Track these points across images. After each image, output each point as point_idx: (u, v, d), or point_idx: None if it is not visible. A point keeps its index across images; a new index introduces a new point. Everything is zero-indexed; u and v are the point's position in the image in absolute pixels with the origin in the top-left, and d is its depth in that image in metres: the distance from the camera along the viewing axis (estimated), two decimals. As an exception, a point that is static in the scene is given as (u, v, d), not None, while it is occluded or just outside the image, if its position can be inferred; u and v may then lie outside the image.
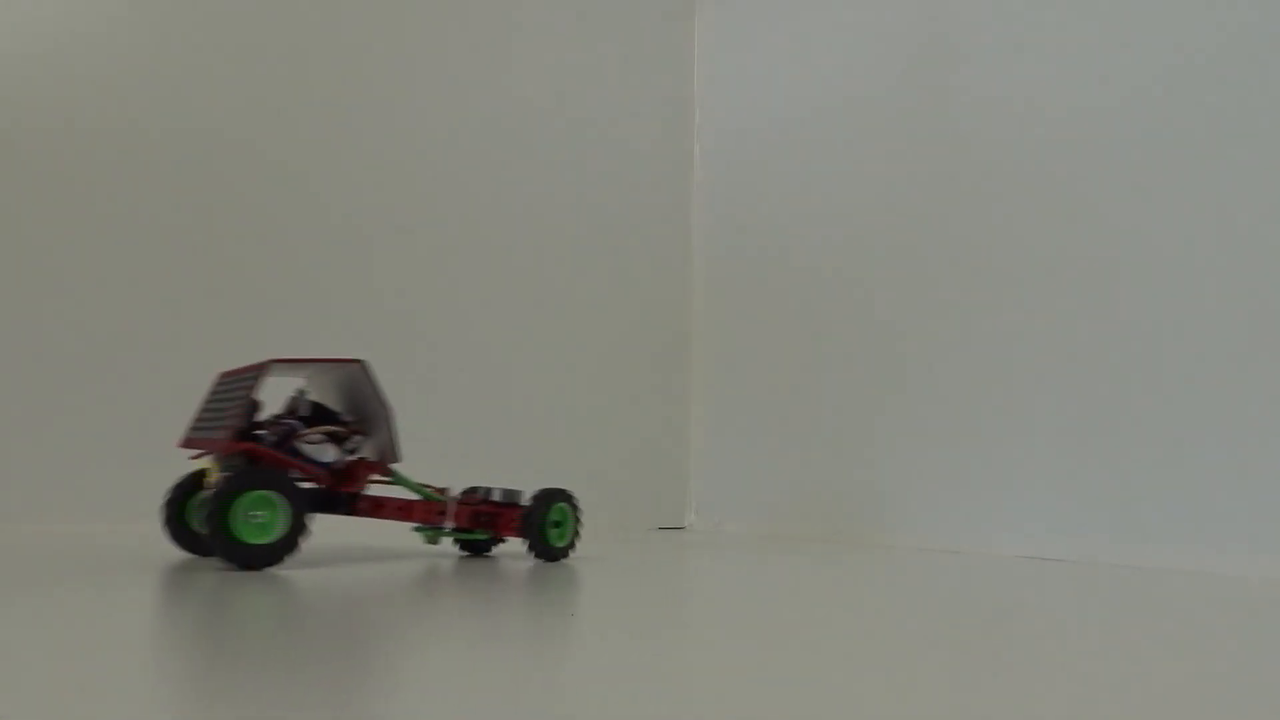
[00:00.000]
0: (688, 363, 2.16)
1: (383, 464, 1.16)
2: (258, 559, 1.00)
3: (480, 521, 1.18)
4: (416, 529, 1.21)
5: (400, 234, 1.85)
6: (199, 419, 1.13)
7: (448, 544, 1.24)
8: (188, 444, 1.10)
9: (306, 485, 1.08)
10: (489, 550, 1.27)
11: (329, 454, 1.10)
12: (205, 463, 1.10)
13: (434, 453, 1.76)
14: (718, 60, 2.19)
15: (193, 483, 1.11)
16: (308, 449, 1.09)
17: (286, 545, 1.02)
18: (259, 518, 1.01)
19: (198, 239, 1.68)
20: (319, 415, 1.13)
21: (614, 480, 1.97)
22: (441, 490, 1.20)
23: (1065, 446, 1.45)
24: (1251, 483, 1.25)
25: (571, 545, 1.20)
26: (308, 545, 1.03)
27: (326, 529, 1.11)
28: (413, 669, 0.60)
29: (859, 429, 1.77)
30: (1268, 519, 1.23)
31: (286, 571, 1.01)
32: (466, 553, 1.25)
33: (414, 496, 1.19)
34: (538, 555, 1.17)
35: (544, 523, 1.17)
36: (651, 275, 2.13)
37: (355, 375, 1.14)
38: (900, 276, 1.72)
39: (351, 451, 1.13)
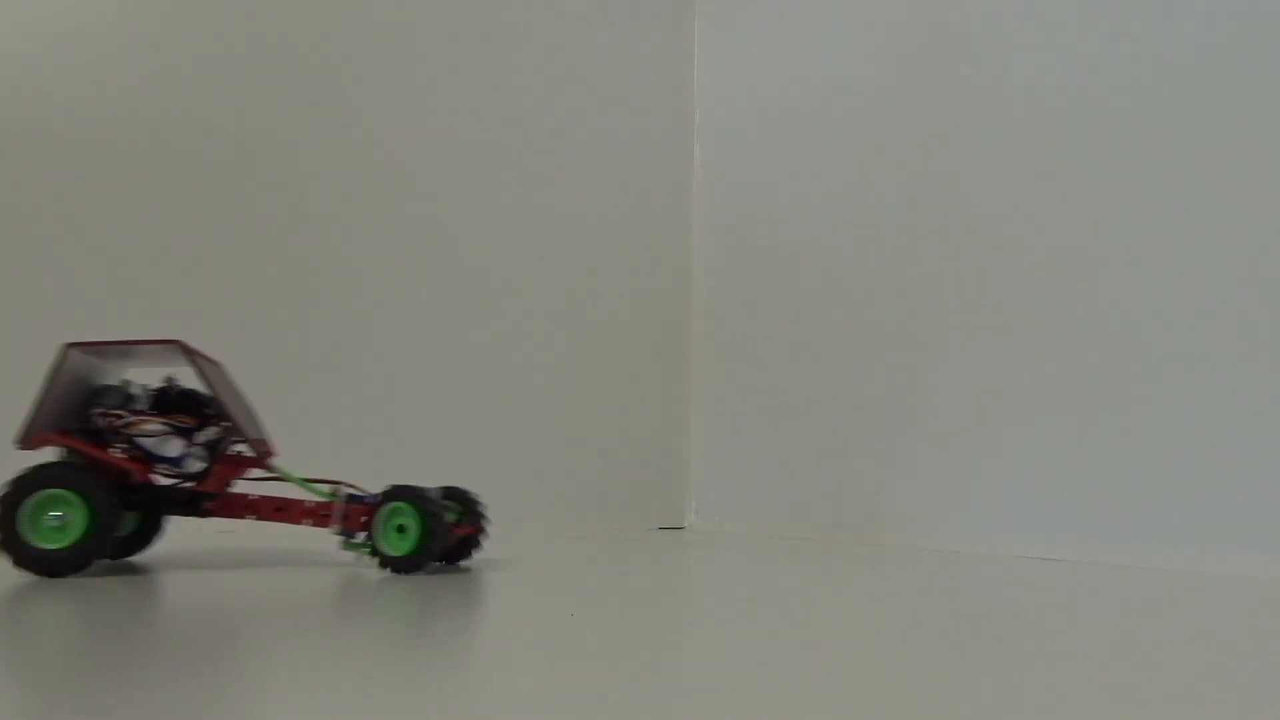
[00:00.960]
0: (688, 363, 2.14)
1: (257, 458, 1.06)
2: (55, 565, 0.94)
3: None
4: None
5: (397, 234, 1.84)
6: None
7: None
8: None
9: (169, 483, 1.03)
10: (460, 560, 1.11)
11: (174, 448, 1.02)
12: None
13: (432, 453, 1.75)
14: (718, 59, 2.18)
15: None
16: (147, 442, 1.01)
17: (87, 550, 0.95)
18: (56, 520, 0.95)
19: (199, 239, 1.67)
20: (182, 405, 1.04)
21: (614, 480, 1.97)
22: (336, 486, 1.06)
23: (1067, 446, 1.44)
24: (1254, 483, 1.24)
25: (421, 554, 1.01)
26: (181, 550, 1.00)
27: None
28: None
29: (859, 429, 1.77)
30: (1270, 519, 1.23)
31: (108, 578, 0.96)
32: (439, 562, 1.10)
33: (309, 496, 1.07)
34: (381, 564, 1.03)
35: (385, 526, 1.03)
36: (651, 275, 2.12)
37: (209, 366, 1.06)
38: (901, 276, 1.73)
39: (213, 445, 1.04)
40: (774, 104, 2.02)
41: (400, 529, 1.02)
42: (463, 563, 1.11)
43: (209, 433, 1.04)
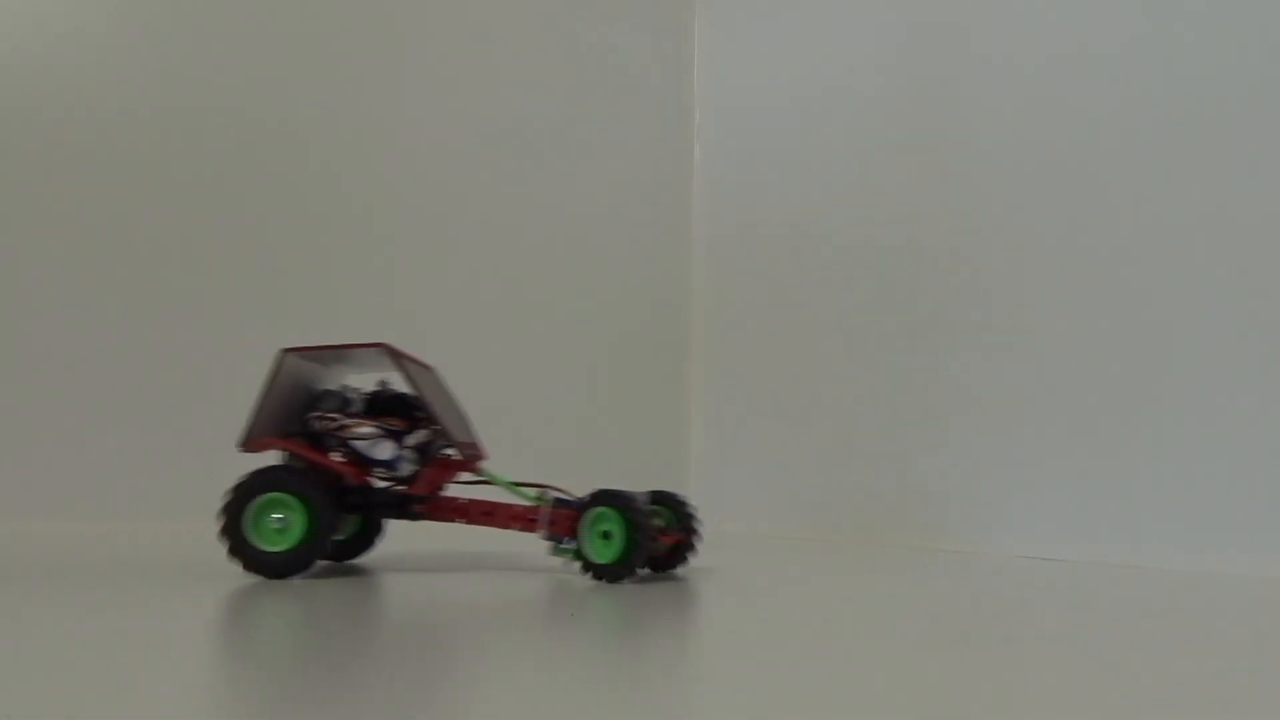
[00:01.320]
0: (688, 363, 2.16)
1: (466, 462, 1.07)
2: (278, 567, 0.96)
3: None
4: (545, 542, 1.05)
5: (398, 233, 1.86)
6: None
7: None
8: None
9: (383, 487, 1.04)
10: (675, 567, 1.09)
11: (386, 450, 1.02)
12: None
13: None
14: (718, 58, 2.18)
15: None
16: (359, 445, 1.02)
17: (308, 553, 0.96)
18: (277, 522, 0.96)
19: (200, 239, 1.69)
20: (393, 408, 1.05)
21: (614, 481, 2.02)
22: (544, 490, 1.05)
23: (1070, 445, 1.43)
24: (1257, 483, 1.24)
25: (626, 562, 0.99)
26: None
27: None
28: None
29: (861, 429, 1.76)
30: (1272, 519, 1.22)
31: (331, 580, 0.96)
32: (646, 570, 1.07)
33: (517, 500, 1.06)
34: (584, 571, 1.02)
35: (590, 531, 1.02)
36: (652, 275, 2.14)
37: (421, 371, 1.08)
38: (902, 276, 1.71)
39: (423, 448, 1.05)
40: (773, 103, 2.01)
41: (605, 535, 1.00)
42: (676, 569, 1.10)
43: (418, 436, 1.04)
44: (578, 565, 1.02)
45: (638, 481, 2.14)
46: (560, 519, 1.03)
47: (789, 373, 1.92)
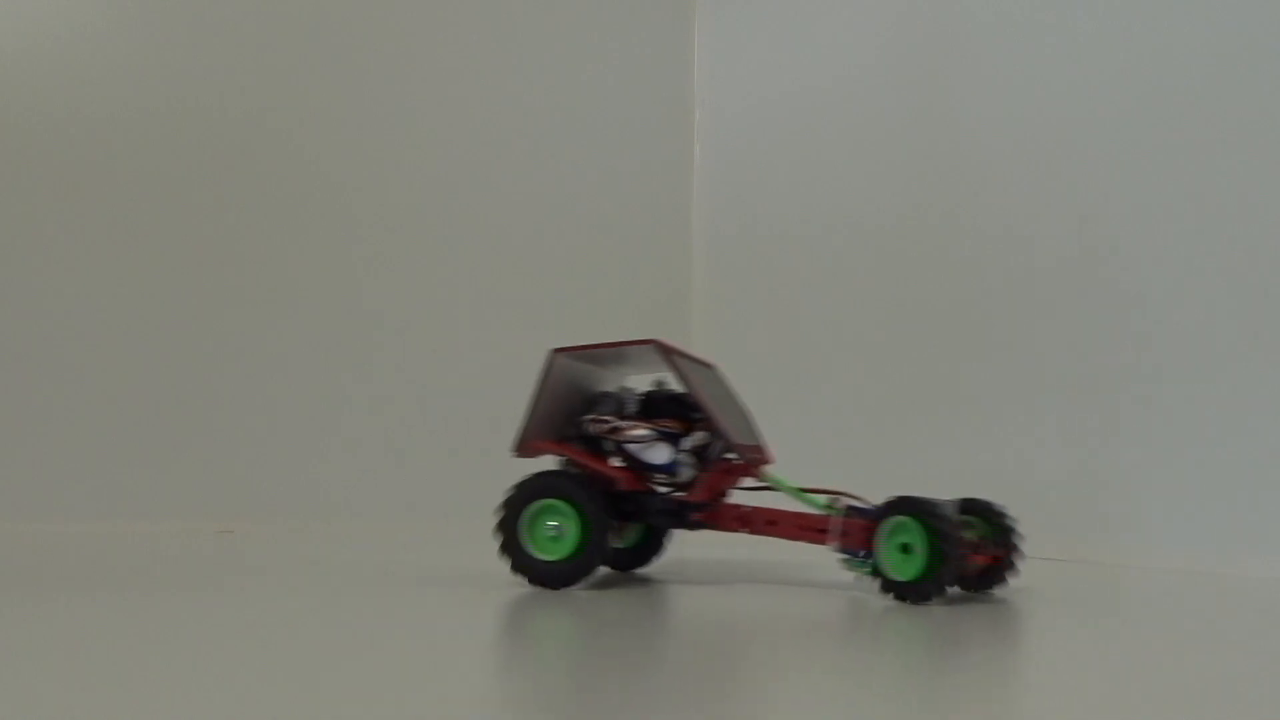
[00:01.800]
0: None
1: (748, 466, 1.00)
2: (552, 577, 0.93)
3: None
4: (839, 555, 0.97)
5: (397, 232, 1.89)
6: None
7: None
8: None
9: (662, 493, 0.99)
10: (991, 587, 0.98)
11: (661, 454, 0.97)
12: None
13: (435, 451, 1.78)
14: (718, 58, 2.19)
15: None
16: (634, 448, 0.97)
17: (583, 564, 0.93)
18: (554, 530, 0.94)
19: (202, 238, 1.74)
20: (668, 409, 1.00)
21: None
22: (835, 497, 0.97)
23: (1074, 446, 1.44)
24: (1261, 482, 1.25)
25: (930, 580, 0.89)
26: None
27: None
28: None
29: (861, 428, 1.77)
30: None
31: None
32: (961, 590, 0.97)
33: (805, 508, 0.98)
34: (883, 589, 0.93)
35: (887, 544, 0.92)
36: (651, 275, 2.13)
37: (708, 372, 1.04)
38: (902, 275, 1.73)
39: (701, 452, 0.99)
40: (774, 101, 2.02)
41: (904, 548, 0.90)
42: (993, 590, 0.98)
43: (695, 438, 0.98)
44: (876, 583, 0.92)
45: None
46: (853, 529, 0.94)
47: (788, 372, 1.91)
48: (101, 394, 1.66)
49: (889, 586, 0.91)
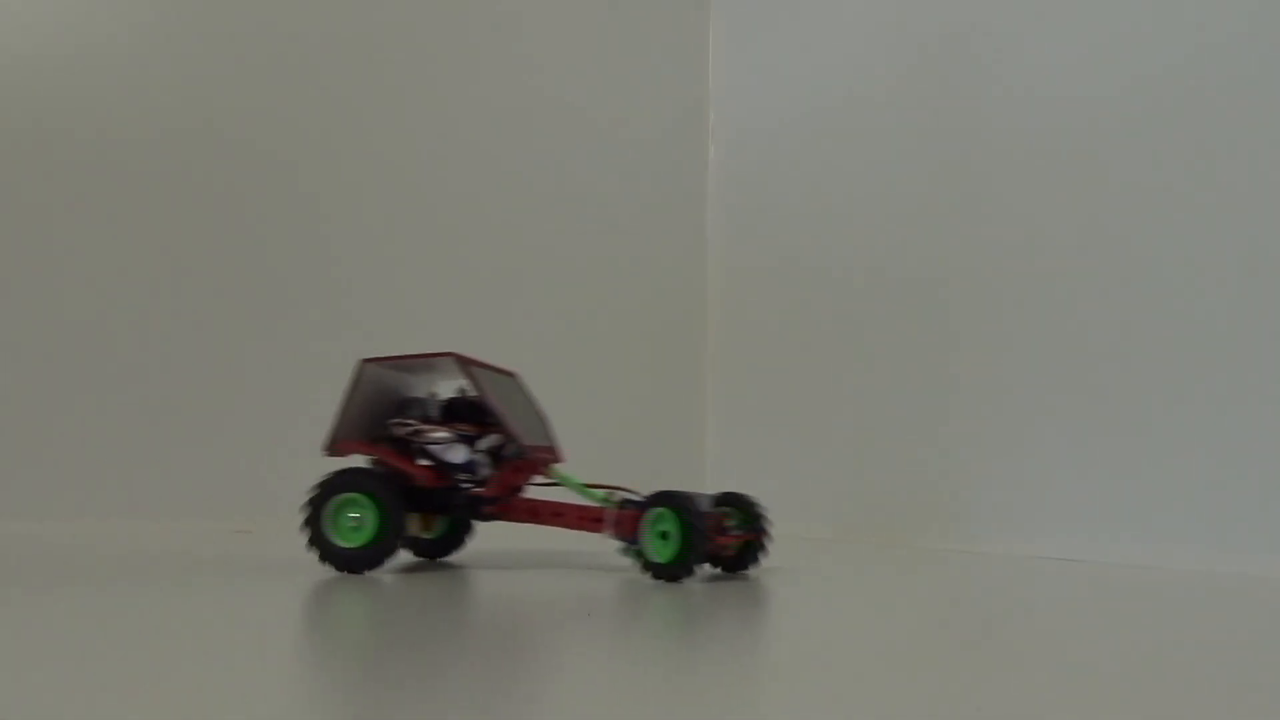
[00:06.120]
0: (701, 365, 2.15)
1: (535, 463, 1.10)
2: (352, 562, 1.02)
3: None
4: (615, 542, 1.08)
5: (411, 231, 1.88)
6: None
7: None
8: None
9: (463, 489, 1.09)
10: (746, 567, 1.11)
11: (459, 454, 1.08)
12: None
13: None
14: (733, 58, 2.17)
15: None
16: (435, 449, 1.07)
17: (379, 550, 1.03)
18: (354, 521, 1.03)
19: (225, 238, 1.73)
20: (467, 414, 1.11)
21: (624, 482, 2.03)
22: (612, 491, 1.09)
23: (1088, 447, 1.44)
24: (1262, 482, 1.24)
25: (682, 562, 1.01)
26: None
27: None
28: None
29: (872, 430, 1.76)
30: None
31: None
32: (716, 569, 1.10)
33: (587, 501, 1.09)
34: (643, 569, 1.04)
35: (650, 532, 1.04)
36: (666, 274, 2.13)
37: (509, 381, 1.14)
38: (915, 276, 1.71)
39: (496, 452, 1.10)
40: (788, 102, 2.00)
41: (664, 535, 1.02)
42: (747, 570, 1.11)
43: (489, 440, 1.09)
44: (640, 565, 1.05)
45: (650, 481, 2.19)
46: (625, 519, 1.05)
47: (804, 372, 1.91)
48: (120, 393, 1.64)
49: (650, 567, 1.03)
